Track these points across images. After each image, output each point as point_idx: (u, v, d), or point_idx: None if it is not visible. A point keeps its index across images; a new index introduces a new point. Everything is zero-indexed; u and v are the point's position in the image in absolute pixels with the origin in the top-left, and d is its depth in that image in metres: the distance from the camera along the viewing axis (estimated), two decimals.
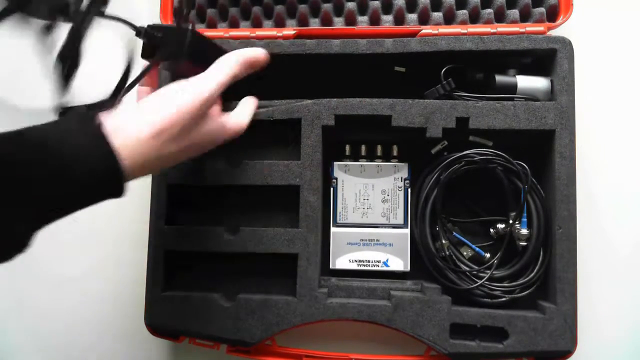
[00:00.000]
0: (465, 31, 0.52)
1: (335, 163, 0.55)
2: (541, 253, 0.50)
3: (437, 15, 0.55)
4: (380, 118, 0.51)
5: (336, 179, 0.55)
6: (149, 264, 0.53)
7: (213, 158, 0.53)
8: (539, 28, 0.52)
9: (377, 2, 0.56)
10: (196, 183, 0.53)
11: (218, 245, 0.52)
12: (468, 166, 0.51)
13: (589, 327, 0.52)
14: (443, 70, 0.51)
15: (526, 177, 0.50)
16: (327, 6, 0.56)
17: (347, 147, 0.55)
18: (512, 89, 0.51)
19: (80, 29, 0.34)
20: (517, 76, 0.52)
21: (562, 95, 0.50)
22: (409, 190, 0.54)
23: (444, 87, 0.51)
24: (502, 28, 0.52)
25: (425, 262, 0.52)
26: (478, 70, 0.54)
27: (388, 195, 0.55)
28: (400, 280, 0.54)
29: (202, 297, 0.52)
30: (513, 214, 0.51)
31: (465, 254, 0.53)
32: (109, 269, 0.62)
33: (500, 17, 0.54)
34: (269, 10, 0.57)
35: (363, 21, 0.57)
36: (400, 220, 0.54)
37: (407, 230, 0.54)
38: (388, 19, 0.56)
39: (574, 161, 0.49)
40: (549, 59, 0.52)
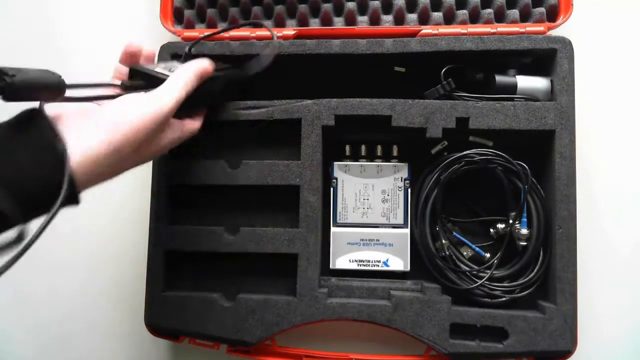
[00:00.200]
0: (465, 31, 0.52)
1: (335, 163, 0.55)
2: (541, 253, 0.50)
3: (437, 15, 0.55)
4: (380, 118, 0.51)
5: (336, 179, 0.55)
6: (149, 264, 0.53)
7: (213, 158, 0.53)
8: (539, 28, 0.52)
9: (377, 2, 0.56)
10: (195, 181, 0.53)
11: (218, 245, 0.52)
12: (468, 166, 0.51)
13: (589, 327, 0.52)
14: (443, 71, 0.51)
15: (526, 177, 0.50)
16: (327, 6, 0.56)
17: (347, 147, 0.55)
18: (512, 89, 0.51)
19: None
20: (517, 76, 0.52)
21: (562, 95, 0.50)
22: (409, 190, 0.54)
23: (444, 87, 0.51)
24: (502, 28, 0.52)
25: (425, 262, 0.52)
26: (478, 70, 0.54)
27: (388, 195, 0.55)
28: (400, 280, 0.54)
29: (202, 297, 0.52)
30: (513, 214, 0.51)
31: (465, 254, 0.53)
32: (109, 269, 0.62)
33: (500, 17, 0.54)
34: (269, 10, 0.57)
35: (363, 21, 0.57)
36: (400, 220, 0.54)
37: (407, 230, 0.54)
38: (388, 19, 0.56)
39: (574, 161, 0.49)
40: (549, 59, 0.52)
